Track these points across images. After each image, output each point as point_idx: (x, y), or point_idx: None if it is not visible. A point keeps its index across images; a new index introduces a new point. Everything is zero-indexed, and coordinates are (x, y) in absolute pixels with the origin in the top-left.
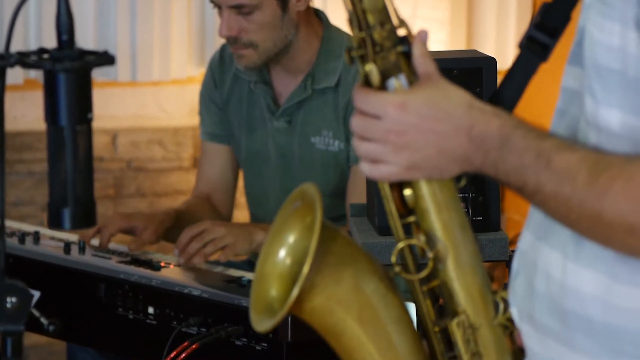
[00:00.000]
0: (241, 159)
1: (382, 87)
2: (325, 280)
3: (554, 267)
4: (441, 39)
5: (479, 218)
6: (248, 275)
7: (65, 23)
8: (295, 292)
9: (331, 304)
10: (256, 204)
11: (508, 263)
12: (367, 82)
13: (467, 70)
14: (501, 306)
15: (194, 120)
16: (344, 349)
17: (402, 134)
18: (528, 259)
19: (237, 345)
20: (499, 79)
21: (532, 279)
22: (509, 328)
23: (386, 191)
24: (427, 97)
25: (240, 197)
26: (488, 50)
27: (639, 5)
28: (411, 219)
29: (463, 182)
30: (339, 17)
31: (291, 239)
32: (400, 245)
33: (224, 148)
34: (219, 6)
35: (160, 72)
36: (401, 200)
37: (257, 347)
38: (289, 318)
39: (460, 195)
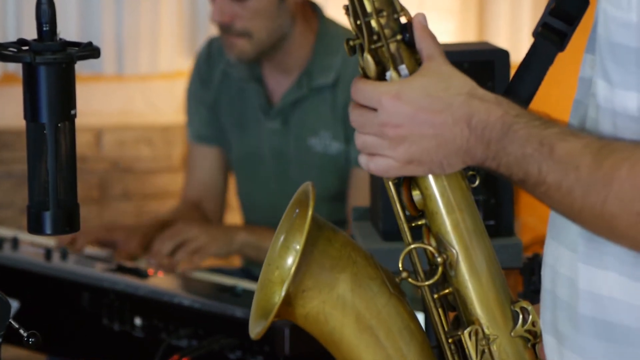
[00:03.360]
0: (233, 161)
1: (381, 78)
2: (319, 284)
3: (567, 269)
4: (450, 30)
5: (491, 222)
6: (242, 283)
7: (46, 12)
8: (282, 293)
9: (326, 309)
10: (250, 208)
11: (522, 270)
12: (366, 74)
13: (478, 64)
14: (521, 317)
15: (185, 117)
16: (346, 358)
17: (398, 126)
18: (547, 264)
19: (230, 359)
20: (513, 73)
21: (555, 285)
22: (531, 341)
23: (393, 191)
24: (423, 86)
25: (232, 200)
26: (500, 41)
27: None
28: (421, 221)
29: (477, 182)
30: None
31: (296, 244)
32: (408, 249)
33: (214, 150)
34: None
35: (148, 64)
36: (410, 201)
37: None
38: (287, 330)
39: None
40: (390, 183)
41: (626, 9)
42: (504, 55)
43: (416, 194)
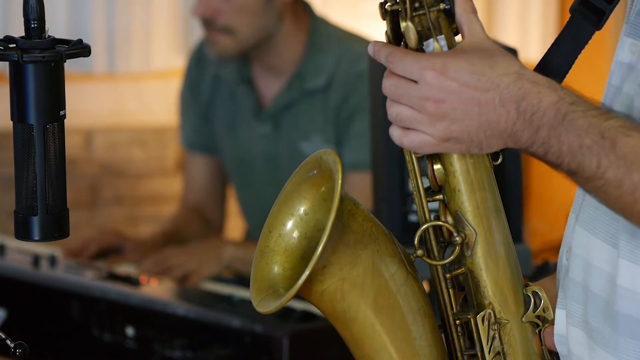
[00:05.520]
0: (228, 167)
1: (419, 49)
2: (341, 261)
3: (605, 264)
4: None
5: None
6: (238, 292)
7: (34, 8)
8: (306, 273)
9: (345, 286)
10: (250, 213)
11: (531, 279)
12: (396, 43)
13: None
14: (532, 301)
15: (178, 118)
16: (355, 338)
17: (441, 101)
18: (579, 256)
19: None
20: None
21: (587, 278)
22: (539, 326)
23: (414, 163)
24: (470, 61)
25: (233, 206)
26: (509, 39)
27: None
28: (439, 197)
29: (500, 160)
30: (339, 10)
31: (302, 210)
32: (427, 225)
33: (207, 158)
34: None
35: (141, 62)
36: (433, 174)
37: None
38: (287, 341)
39: None
40: (413, 156)
41: None
42: (512, 53)
43: (438, 169)
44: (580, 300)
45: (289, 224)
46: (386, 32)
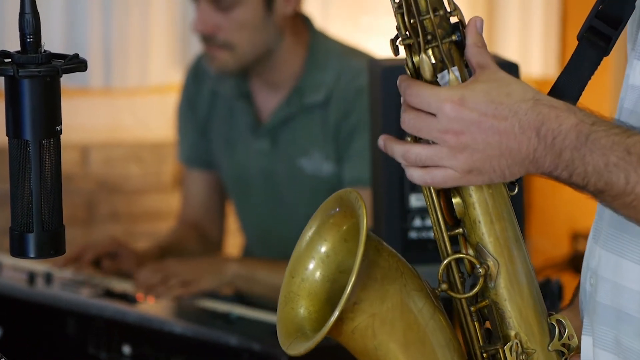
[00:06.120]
0: (226, 183)
1: (434, 80)
2: (370, 297)
3: (636, 284)
4: None
5: None
6: (236, 310)
7: (30, 23)
8: (338, 309)
9: (375, 323)
10: (248, 229)
11: None
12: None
13: None
14: (557, 330)
15: (175, 133)
16: None
17: (461, 133)
18: (606, 279)
19: None
20: None
21: (618, 300)
22: (565, 354)
23: (433, 198)
24: (487, 91)
25: (232, 223)
26: (510, 54)
27: None
28: (458, 230)
29: (516, 190)
30: (339, 24)
31: (323, 251)
32: (450, 259)
33: (206, 174)
34: None
35: (138, 77)
36: (447, 209)
37: None
38: (286, 359)
39: None
40: (432, 190)
41: None
42: (513, 68)
43: (457, 202)
44: (610, 323)
45: (311, 267)
46: (407, 66)
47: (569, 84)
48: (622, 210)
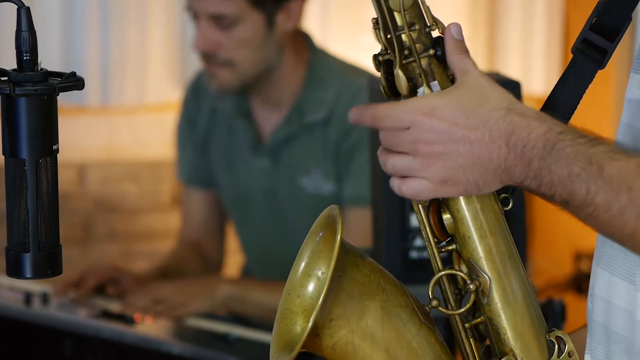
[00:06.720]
0: (226, 202)
1: (412, 95)
2: (347, 313)
3: (624, 302)
4: None
5: None
6: (235, 330)
7: (26, 40)
8: (310, 324)
9: (355, 339)
10: (248, 248)
11: None
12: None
13: None
14: (556, 347)
15: (174, 152)
16: None
17: (432, 143)
18: (600, 297)
19: None
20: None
21: (608, 318)
22: None
23: (423, 215)
24: (458, 100)
25: (232, 243)
26: (512, 73)
27: None
28: (450, 247)
29: (510, 205)
30: (339, 42)
31: (319, 267)
32: (439, 275)
33: (205, 193)
34: (195, 15)
35: (135, 95)
36: (437, 225)
37: None
38: None
39: None
40: (420, 206)
41: None
42: (515, 86)
43: (447, 218)
44: (602, 341)
45: (307, 285)
46: (381, 84)
47: (563, 98)
48: (588, 222)
